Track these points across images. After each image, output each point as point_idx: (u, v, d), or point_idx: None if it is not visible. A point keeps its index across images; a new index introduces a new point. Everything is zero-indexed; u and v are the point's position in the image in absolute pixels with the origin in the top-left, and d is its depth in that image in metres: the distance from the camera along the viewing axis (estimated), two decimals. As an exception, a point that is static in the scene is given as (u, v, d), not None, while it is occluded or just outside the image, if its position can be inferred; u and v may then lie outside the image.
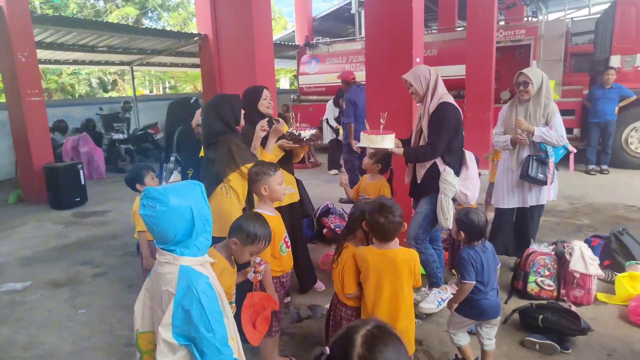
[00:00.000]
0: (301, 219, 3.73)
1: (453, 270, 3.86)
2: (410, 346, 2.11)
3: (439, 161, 3.04)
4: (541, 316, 2.85)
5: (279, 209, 3.23)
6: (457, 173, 3.04)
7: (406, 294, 2.06)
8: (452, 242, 3.87)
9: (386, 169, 3.55)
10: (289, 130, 3.13)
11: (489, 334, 2.50)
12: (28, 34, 6.78)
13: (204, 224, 1.55)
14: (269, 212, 2.62)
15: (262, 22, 4.76)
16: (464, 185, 3.00)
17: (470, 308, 2.41)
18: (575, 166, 7.62)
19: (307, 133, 3.08)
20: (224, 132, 2.87)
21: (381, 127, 3.12)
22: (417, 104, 3.31)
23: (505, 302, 3.35)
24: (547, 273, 3.36)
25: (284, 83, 25.74)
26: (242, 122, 3.05)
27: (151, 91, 28.05)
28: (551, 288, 3.35)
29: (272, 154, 3.07)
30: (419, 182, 3.15)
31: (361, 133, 3.12)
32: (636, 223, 4.87)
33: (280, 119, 3.69)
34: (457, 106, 3.06)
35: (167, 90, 27.85)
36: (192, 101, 3.80)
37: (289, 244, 2.72)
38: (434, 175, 3.03)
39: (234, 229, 2.03)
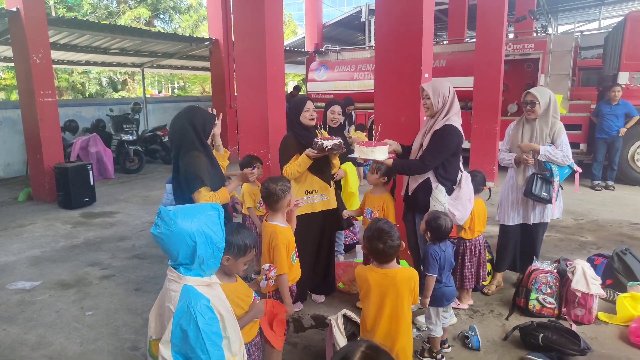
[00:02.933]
0: (334, 228, 3.72)
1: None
2: (409, 362, 2.16)
3: (432, 177, 3.10)
4: (542, 334, 2.88)
5: (312, 215, 3.40)
6: (449, 192, 3.09)
7: (406, 312, 2.11)
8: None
9: (389, 181, 3.63)
10: (314, 140, 3.24)
11: (447, 312, 2.94)
12: (43, 36, 6.90)
13: (213, 250, 1.59)
14: (282, 224, 2.69)
15: (274, 34, 4.85)
16: (453, 205, 3.04)
17: (435, 298, 2.80)
18: (581, 181, 7.73)
19: (329, 143, 3.19)
20: (194, 146, 2.73)
21: (374, 139, 3.19)
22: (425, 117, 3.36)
23: (507, 319, 3.38)
24: (549, 291, 3.39)
25: (291, 87, 25.92)
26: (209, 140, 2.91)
27: (160, 91, 28.30)
28: (552, 306, 3.37)
29: (229, 193, 2.90)
30: (409, 194, 3.24)
31: (355, 145, 3.21)
32: (640, 242, 4.89)
33: (324, 131, 3.81)
34: (461, 130, 3.10)
35: (176, 91, 28.09)
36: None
37: (297, 254, 2.79)
38: (426, 190, 3.10)
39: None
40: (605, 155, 7.55)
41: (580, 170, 3.61)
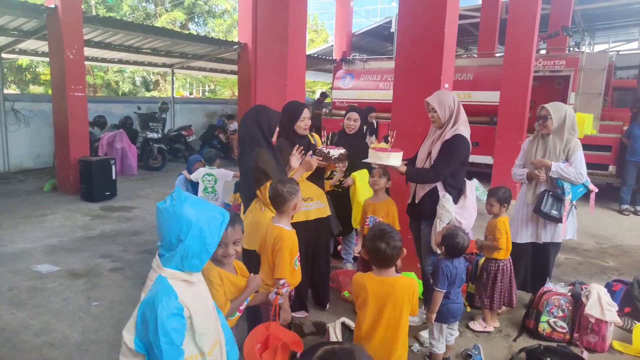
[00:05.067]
0: (328, 235, 3.70)
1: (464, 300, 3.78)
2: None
3: (440, 186, 3.09)
4: (548, 359, 2.76)
5: (305, 223, 3.32)
6: (456, 201, 3.08)
7: (403, 322, 2.04)
8: (473, 273, 3.76)
9: None
10: (319, 148, 3.21)
11: (453, 329, 2.89)
12: (78, 33, 7.15)
13: (201, 249, 1.55)
14: (288, 227, 2.66)
15: (296, 37, 4.87)
16: (459, 214, 3.03)
17: (440, 313, 2.72)
18: (608, 205, 7.46)
19: (335, 152, 3.17)
20: (259, 143, 2.88)
21: (389, 145, 3.15)
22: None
23: (514, 340, 3.25)
24: (560, 314, 3.25)
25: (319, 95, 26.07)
26: (275, 139, 3.05)
27: (191, 93, 28.89)
28: (564, 330, 3.23)
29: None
30: (416, 202, 3.21)
31: (369, 150, 3.17)
32: (666, 270, 4.64)
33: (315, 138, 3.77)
34: (469, 140, 3.10)
35: (207, 94, 28.62)
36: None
37: (299, 258, 2.75)
38: (434, 198, 3.09)
39: None
40: (636, 179, 7.24)
41: (596, 190, 3.46)
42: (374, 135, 8.96)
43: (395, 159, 3.05)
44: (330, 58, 13.38)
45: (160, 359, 1.45)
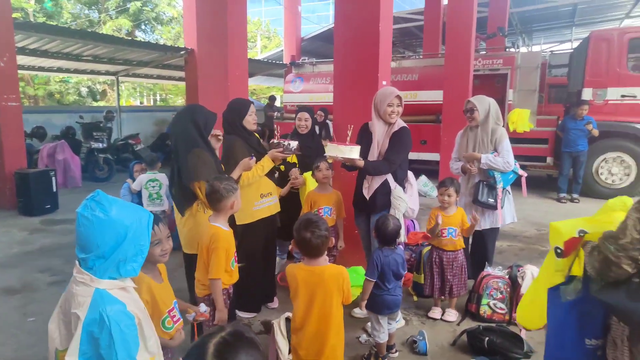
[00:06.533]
0: (275, 231, 3.71)
1: (410, 290, 3.88)
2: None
3: (390, 179, 3.18)
4: (487, 338, 2.87)
5: (265, 219, 3.36)
6: (404, 190, 3.20)
7: (335, 311, 2.06)
8: (418, 263, 3.86)
9: None
10: (279, 142, 3.28)
11: (393, 318, 2.93)
12: (9, 40, 6.80)
13: (136, 250, 1.50)
14: (225, 227, 2.61)
15: (237, 39, 4.86)
16: (410, 201, 3.17)
17: (375, 304, 2.76)
18: (548, 195, 7.85)
19: (294, 143, 3.29)
20: (197, 143, 2.80)
21: (348, 139, 3.20)
22: (374, 122, 3.32)
23: (458, 324, 3.37)
24: (499, 296, 3.39)
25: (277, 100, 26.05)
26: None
27: (142, 102, 28.08)
28: (503, 311, 3.37)
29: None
30: (368, 196, 3.25)
31: (328, 143, 3.20)
32: (598, 251, 4.94)
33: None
34: None
35: (158, 102, 27.91)
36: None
37: (236, 258, 2.72)
38: (385, 191, 3.18)
39: None
40: (571, 169, 7.67)
41: (525, 175, 3.67)
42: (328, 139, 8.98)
43: (355, 153, 3.11)
44: (281, 62, 13.41)
45: None
